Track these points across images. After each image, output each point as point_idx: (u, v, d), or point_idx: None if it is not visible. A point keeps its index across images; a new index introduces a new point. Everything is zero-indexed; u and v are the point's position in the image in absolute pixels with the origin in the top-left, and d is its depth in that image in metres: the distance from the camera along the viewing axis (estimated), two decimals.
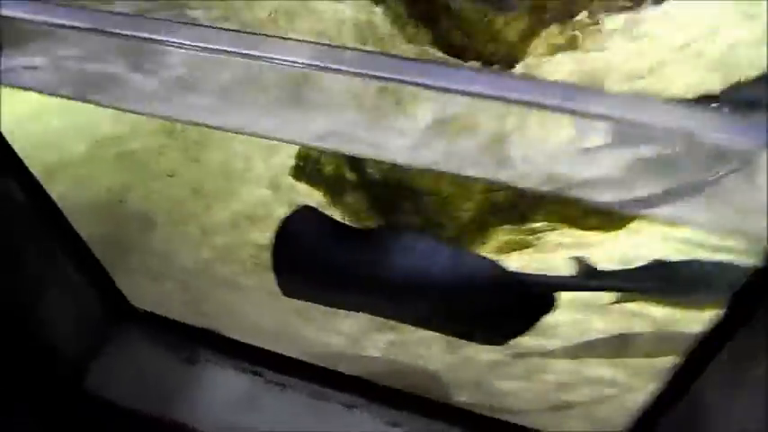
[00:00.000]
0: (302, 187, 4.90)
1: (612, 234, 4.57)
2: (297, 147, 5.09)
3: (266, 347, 2.88)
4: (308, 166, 4.89)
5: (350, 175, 4.55)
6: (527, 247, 4.54)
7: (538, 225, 4.58)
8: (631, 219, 4.46)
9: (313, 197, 4.82)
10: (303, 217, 2.19)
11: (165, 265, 4.18)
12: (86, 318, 2.84)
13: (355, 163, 4.52)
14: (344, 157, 4.58)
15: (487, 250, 4.50)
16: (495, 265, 2.24)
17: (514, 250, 4.49)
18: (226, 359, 2.83)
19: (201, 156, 5.23)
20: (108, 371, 2.73)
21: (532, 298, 2.16)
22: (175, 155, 5.20)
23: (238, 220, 4.58)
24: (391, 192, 4.33)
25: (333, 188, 4.66)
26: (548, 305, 2.16)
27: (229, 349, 2.87)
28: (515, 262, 4.43)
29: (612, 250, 4.43)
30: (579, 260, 3.30)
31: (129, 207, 4.61)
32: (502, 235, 4.54)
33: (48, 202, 2.53)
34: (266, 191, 4.86)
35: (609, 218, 4.54)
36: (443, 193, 4.22)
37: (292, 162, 5.04)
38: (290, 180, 4.99)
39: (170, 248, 4.34)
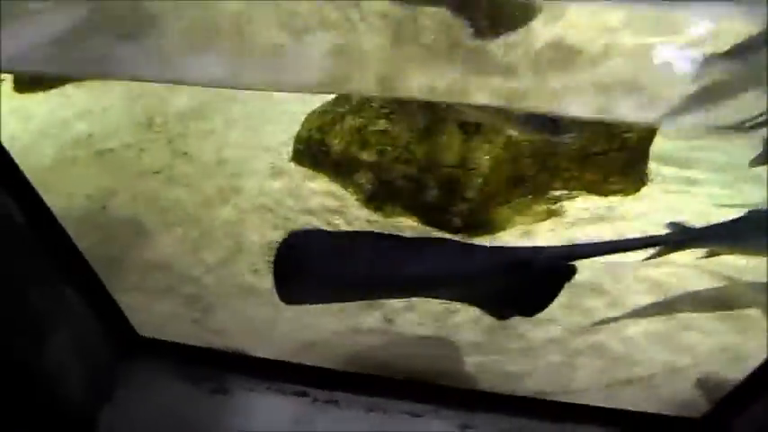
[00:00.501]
0: (306, 173, 4.38)
1: (631, 197, 4.30)
2: (294, 131, 4.59)
3: (305, 362, 2.44)
4: (310, 149, 4.36)
5: (363, 154, 4.03)
6: (554, 216, 4.13)
7: (558, 193, 4.22)
8: (643, 182, 4.30)
9: (318, 182, 4.31)
10: (301, 239, 2.15)
11: (168, 278, 3.66)
12: (92, 355, 2.37)
13: (369, 139, 4.00)
14: (357, 134, 4.06)
15: (517, 223, 4.07)
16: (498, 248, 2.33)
17: (543, 220, 4.08)
18: (261, 383, 2.42)
19: (189, 148, 4.69)
20: (123, 416, 2.25)
21: (553, 271, 2.19)
22: (159, 150, 4.64)
23: (244, 214, 4.06)
24: (411, 167, 3.82)
25: (341, 169, 4.15)
26: (569, 273, 2.18)
27: (262, 371, 2.45)
28: (547, 232, 4.05)
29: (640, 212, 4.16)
30: (673, 224, 2.94)
31: (113, 214, 4.06)
32: (527, 206, 4.12)
33: (50, 223, 2.10)
34: (269, 180, 4.33)
35: (627, 180, 4.19)
36: (468, 166, 3.72)
37: (289, 147, 4.53)
38: (292, 166, 4.47)
39: (170, 257, 3.81)
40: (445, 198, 3.79)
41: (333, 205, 4.18)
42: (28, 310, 2.13)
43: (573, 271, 2.16)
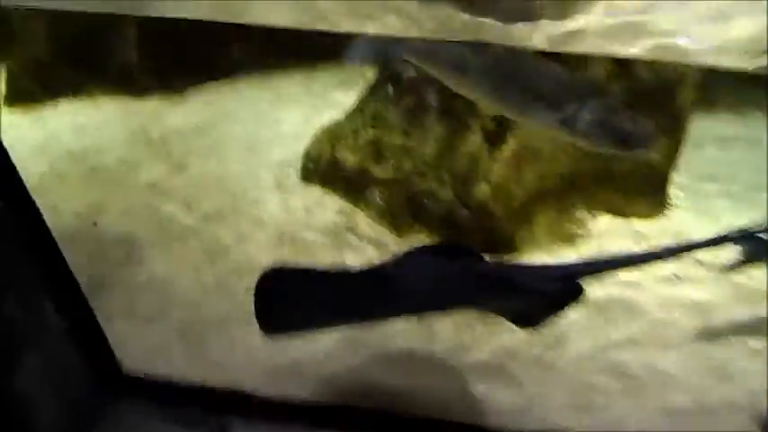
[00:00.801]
0: (314, 190, 4.10)
1: (656, 219, 4.06)
2: (299, 146, 4.35)
3: (316, 399, 2.11)
4: (320, 166, 4.09)
5: (377, 170, 3.76)
6: (580, 237, 3.88)
7: (581, 214, 4.00)
8: (667, 205, 4.06)
9: (328, 199, 4.03)
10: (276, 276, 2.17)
11: (159, 301, 3.31)
12: (69, 387, 2.04)
13: (384, 152, 3.75)
14: (372, 148, 3.81)
15: (541, 243, 3.80)
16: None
17: (565, 241, 3.82)
18: (264, 426, 2.06)
19: (190, 162, 4.41)
20: None
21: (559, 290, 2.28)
22: (156, 165, 4.36)
23: (246, 232, 3.75)
24: (429, 180, 3.56)
25: (353, 186, 3.88)
26: (575, 294, 2.27)
27: (269, 412, 2.10)
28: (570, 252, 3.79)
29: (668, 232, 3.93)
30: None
31: (104, 231, 3.74)
32: (548, 225, 3.87)
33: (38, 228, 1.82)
34: (273, 198, 4.04)
35: (651, 202, 3.97)
36: (491, 178, 3.46)
37: (295, 163, 4.26)
38: (298, 183, 4.20)
39: (163, 277, 3.47)
40: (467, 213, 3.51)
41: (343, 223, 3.89)
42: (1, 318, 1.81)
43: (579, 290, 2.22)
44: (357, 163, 3.90)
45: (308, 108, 5.16)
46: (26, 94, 4.87)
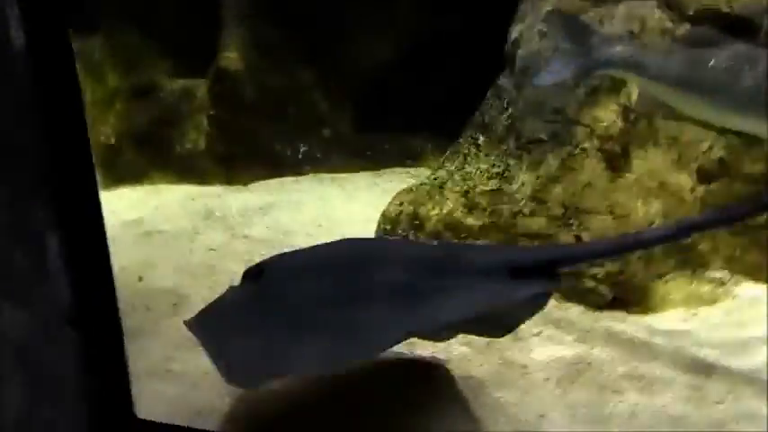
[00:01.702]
0: None
1: None
2: (368, 226, 3.92)
3: None
4: (400, 226, 3.60)
5: (469, 219, 3.25)
6: (721, 300, 3.16)
7: (719, 275, 3.32)
8: None
9: None
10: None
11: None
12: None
13: (479, 201, 3.27)
14: (462, 199, 3.34)
15: (677, 304, 3.09)
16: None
17: (708, 304, 3.13)
18: None
19: (252, 231, 3.97)
20: None
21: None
22: (217, 234, 3.93)
23: None
24: (538, 220, 3.00)
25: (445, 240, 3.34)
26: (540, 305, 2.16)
27: None
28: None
29: None
30: None
31: (151, 285, 3.21)
32: (686, 285, 3.19)
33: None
34: None
35: None
36: (618, 212, 2.90)
37: (365, 229, 3.80)
38: None
39: None
40: None
41: None
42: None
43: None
44: (445, 215, 3.41)
45: (373, 200, 4.82)
46: None
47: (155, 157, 4.98)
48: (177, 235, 3.90)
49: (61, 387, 1.55)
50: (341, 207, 4.68)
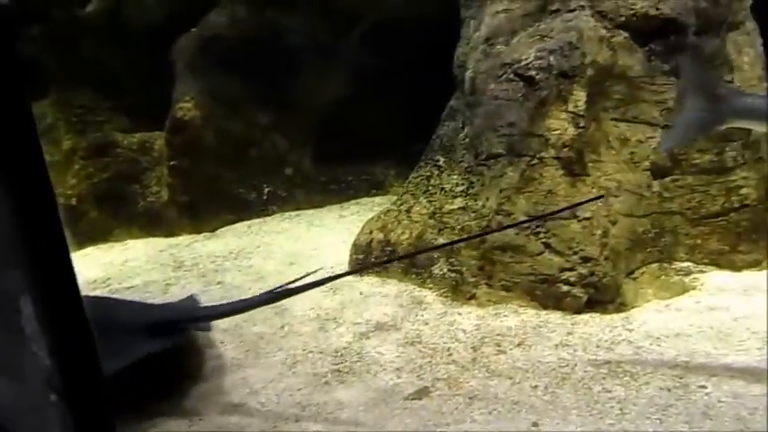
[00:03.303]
0: (369, 281, 3.57)
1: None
2: (340, 256, 3.93)
3: None
4: (372, 254, 3.63)
5: (440, 239, 3.29)
6: (691, 290, 3.27)
7: (685, 265, 3.45)
8: None
9: (387, 287, 3.48)
10: None
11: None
12: None
13: (447, 221, 3.32)
14: (430, 220, 3.39)
15: (650, 297, 3.19)
16: None
17: (679, 294, 3.23)
18: None
19: (225, 278, 3.92)
20: None
21: None
22: (189, 283, 3.87)
23: (297, 327, 3.14)
24: (507, 232, 3.06)
25: (415, 265, 3.36)
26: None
27: None
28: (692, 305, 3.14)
29: None
30: None
31: None
32: (656, 278, 3.30)
33: None
34: (325, 297, 3.48)
35: (759, 249, 3.45)
36: (582, 215, 2.98)
37: (339, 266, 3.81)
38: (349, 278, 3.67)
39: (192, 382, 2.80)
40: (560, 261, 2.95)
41: (410, 305, 3.29)
42: None
43: None
44: (415, 239, 3.44)
45: (343, 233, 4.83)
46: None
47: (118, 213, 4.90)
48: (148, 288, 3.82)
49: None
50: (311, 243, 4.67)
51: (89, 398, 1.66)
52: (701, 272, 3.56)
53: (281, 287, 2.90)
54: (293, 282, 2.88)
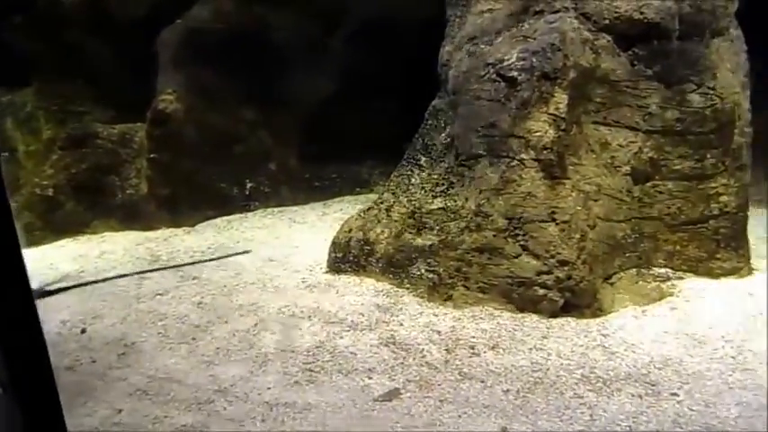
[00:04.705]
0: (347, 279, 3.52)
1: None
2: (318, 255, 3.88)
3: None
4: (350, 253, 3.58)
5: (418, 240, 3.25)
6: (668, 296, 3.27)
7: (663, 271, 3.46)
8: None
9: (364, 286, 3.43)
10: None
11: (156, 406, 2.54)
12: None
13: (426, 221, 3.27)
14: (409, 220, 3.34)
15: (626, 302, 3.16)
16: None
17: (656, 301, 3.22)
18: None
19: (202, 274, 3.86)
20: None
21: None
22: (165, 278, 3.80)
23: (271, 325, 3.08)
24: (484, 233, 3.02)
25: (392, 265, 3.32)
26: None
27: None
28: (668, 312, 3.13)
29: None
30: None
31: (95, 336, 3.06)
32: (633, 283, 3.29)
33: None
34: (302, 293, 3.44)
35: (736, 257, 3.48)
36: (560, 218, 2.95)
37: (317, 267, 3.76)
38: (328, 277, 3.63)
39: (166, 377, 2.72)
40: (537, 264, 2.92)
41: (386, 305, 3.24)
42: None
43: None
44: (394, 238, 3.40)
45: (324, 230, 4.78)
46: (27, 231, 4.51)
47: (96, 205, 4.83)
48: (121, 283, 3.75)
49: None
50: (292, 239, 4.62)
51: (37, 391, 1.61)
52: (679, 278, 3.57)
53: None
54: None
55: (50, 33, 4.98)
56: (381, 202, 3.69)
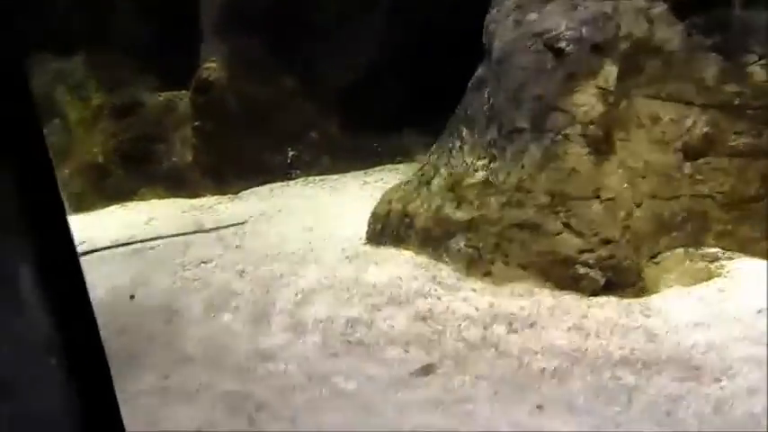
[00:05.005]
0: (386, 252, 3.54)
1: None
2: (360, 227, 3.90)
3: None
4: (390, 225, 3.59)
5: (458, 214, 3.23)
6: (716, 277, 3.15)
7: (713, 250, 3.31)
8: None
9: (403, 258, 3.45)
10: None
11: (202, 373, 2.65)
12: None
13: (466, 194, 3.25)
14: (449, 193, 3.32)
15: (671, 282, 3.07)
16: None
17: (704, 281, 3.10)
18: None
19: (244, 242, 3.95)
20: None
21: None
22: (209, 245, 3.91)
23: (311, 296, 3.15)
24: (526, 209, 2.98)
25: (431, 239, 3.32)
26: None
27: None
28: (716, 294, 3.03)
29: None
30: None
31: (143, 303, 3.19)
32: (680, 263, 3.18)
33: None
34: (341, 264, 3.48)
35: None
36: (604, 196, 2.88)
37: (358, 238, 3.78)
38: (368, 248, 3.66)
39: (209, 346, 2.84)
40: (579, 242, 2.87)
41: (424, 279, 3.26)
42: None
43: None
44: (433, 211, 3.39)
45: (365, 199, 4.81)
46: (78, 198, 4.69)
47: (143, 173, 4.99)
48: (167, 249, 3.89)
49: (47, 419, 1.53)
50: (332, 209, 4.66)
51: (89, 362, 1.69)
52: (729, 258, 3.44)
53: None
54: None
55: (97, 1, 5.07)
56: (422, 175, 3.67)
